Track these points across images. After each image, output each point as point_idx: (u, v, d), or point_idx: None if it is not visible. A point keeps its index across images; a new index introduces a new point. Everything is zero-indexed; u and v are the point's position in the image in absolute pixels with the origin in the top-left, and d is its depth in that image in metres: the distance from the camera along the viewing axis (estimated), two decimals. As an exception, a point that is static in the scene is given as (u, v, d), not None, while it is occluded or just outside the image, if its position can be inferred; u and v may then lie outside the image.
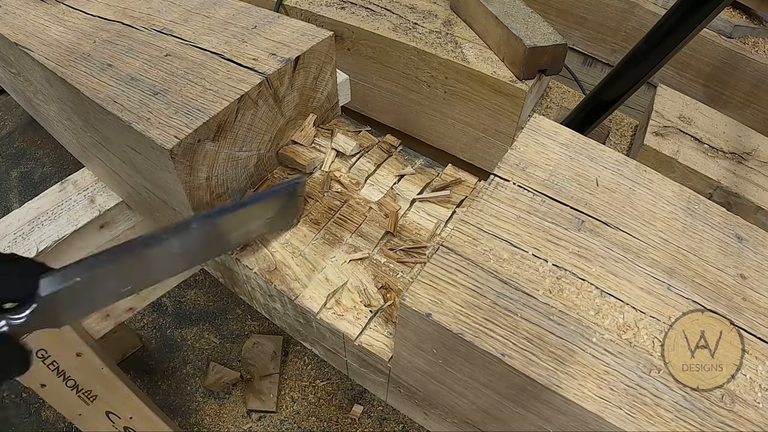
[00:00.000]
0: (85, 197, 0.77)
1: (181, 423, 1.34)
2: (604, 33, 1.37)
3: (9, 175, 1.91)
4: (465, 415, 0.52)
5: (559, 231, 0.47)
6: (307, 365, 1.45)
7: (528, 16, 0.91)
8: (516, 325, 0.41)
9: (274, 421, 1.35)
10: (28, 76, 0.72)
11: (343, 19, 1.03)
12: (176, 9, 0.69)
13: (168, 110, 0.53)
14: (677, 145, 0.88)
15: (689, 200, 0.52)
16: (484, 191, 0.50)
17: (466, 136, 1.04)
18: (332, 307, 0.54)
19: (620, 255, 0.46)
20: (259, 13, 0.67)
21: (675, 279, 0.45)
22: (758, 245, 0.49)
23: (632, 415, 0.37)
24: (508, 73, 0.91)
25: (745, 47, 1.23)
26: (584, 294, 0.43)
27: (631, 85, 0.78)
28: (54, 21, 0.69)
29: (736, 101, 1.27)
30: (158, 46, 0.62)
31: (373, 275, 0.56)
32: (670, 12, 0.69)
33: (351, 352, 0.55)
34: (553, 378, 0.39)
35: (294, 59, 0.59)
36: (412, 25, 1.02)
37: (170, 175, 0.53)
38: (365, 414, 1.36)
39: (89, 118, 0.61)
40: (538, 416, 0.43)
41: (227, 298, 1.58)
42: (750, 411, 0.38)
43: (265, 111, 0.59)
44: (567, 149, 0.54)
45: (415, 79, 1.02)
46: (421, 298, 0.42)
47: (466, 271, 0.44)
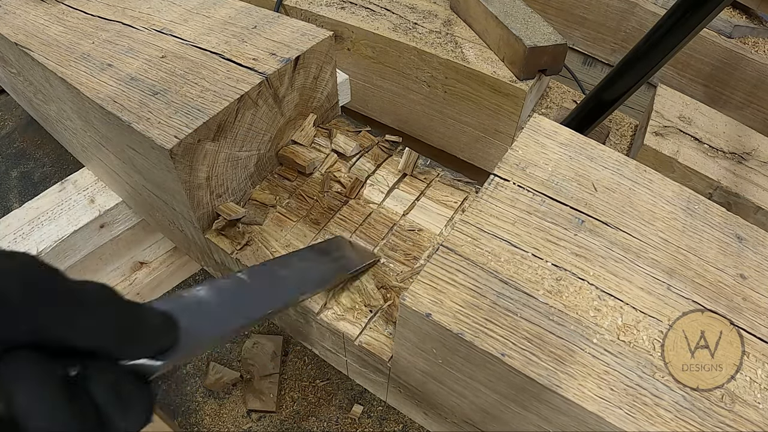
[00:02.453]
0: (85, 197, 0.77)
1: (181, 423, 1.34)
2: (604, 33, 1.37)
3: (9, 175, 1.91)
4: (465, 415, 0.52)
5: (559, 231, 0.47)
6: (307, 365, 1.45)
7: (528, 16, 0.91)
8: (516, 325, 0.41)
9: (274, 421, 1.35)
10: (28, 76, 0.72)
11: (343, 19, 1.03)
12: (176, 9, 0.69)
13: (168, 110, 0.53)
14: (677, 145, 0.88)
15: (689, 200, 0.52)
16: (484, 191, 0.50)
17: (466, 136, 1.04)
18: (332, 307, 0.54)
19: (620, 255, 0.46)
20: (259, 13, 0.67)
21: (675, 279, 0.45)
22: (758, 245, 0.49)
23: (632, 415, 0.37)
24: (508, 73, 0.91)
25: (745, 47, 1.23)
26: (584, 294, 0.43)
27: (631, 85, 0.78)
28: (54, 21, 0.69)
29: (736, 101, 1.27)
30: (158, 46, 0.62)
31: (373, 275, 0.56)
32: (670, 12, 0.69)
33: (351, 352, 0.55)
34: (553, 378, 0.39)
35: (294, 59, 0.59)
36: (412, 25, 1.02)
37: (170, 175, 0.53)
38: (365, 414, 1.36)
39: (89, 118, 0.61)
40: (538, 416, 0.43)
41: (227, 298, 1.58)
42: (750, 411, 0.38)
43: (265, 111, 0.59)
44: (567, 149, 0.54)
45: (415, 79, 1.02)
46: (421, 298, 0.42)
47: (466, 271, 0.44)
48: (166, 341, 0.27)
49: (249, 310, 0.39)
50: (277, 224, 0.61)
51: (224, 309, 0.36)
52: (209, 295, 0.36)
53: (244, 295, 0.40)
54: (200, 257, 0.71)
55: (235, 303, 0.38)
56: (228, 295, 0.38)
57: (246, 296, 0.40)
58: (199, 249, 0.68)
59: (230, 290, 0.39)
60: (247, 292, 0.40)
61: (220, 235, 0.60)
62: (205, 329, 0.33)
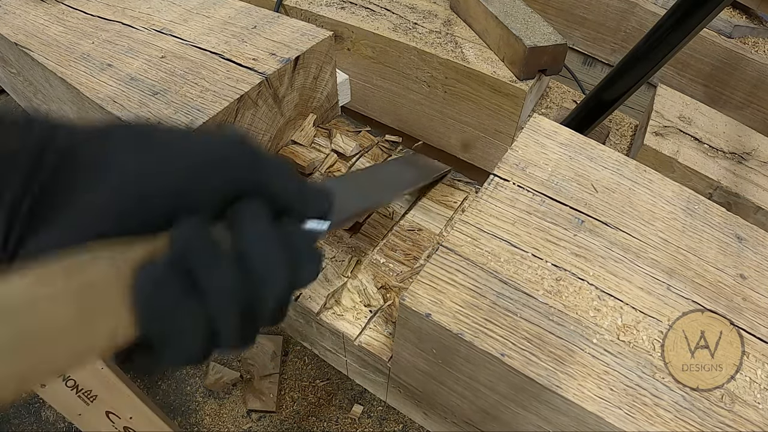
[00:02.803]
0: (85, 197, 0.76)
1: (181, 423, 1.34)
2: (604, 33, 1.37)
3: (9, 175, 1.91)
4: (465, 415, 0.52)
5: (558, 231, 0.47)
6: (307, 365, 1.45)
7: (528, 16, 0.91)
8: (516, 325, 0.41)
9: (274, 421, 1.35)
10: (28, 76, 0.72)
11: (343, 19, 1.03)
12: (176, 9, 0.69)
13: (168, 110, 0.53)
14: (677, 145, 0.88)
15: (689, 200, 0.52)
16: (483, 191, 0.50)
17: (466, 136, 1.04)
18: (332, 307, 0.54)
19: (620, 255, 0.46)
20: (259, 13, 0.67)
21: (675, 279, 0.45)
22: (758, 245, 0.49)
23: (632, 415, 0.37)
24: (508, 73, 0.91)
25: (745, 47, 1.23)
26: (584, 294, 0.43)
27: (631, 85, 0.78)
28: (54, 21, 0.69)
29: (736, 101, 1.26)
30: (158, 46, 0.62)
31: (373, 275, 0.56)
32: (670, 12, 0.69)
33: (351, 352, 0.55)
34: (552, 378, 0.39)
35: (294, 59, 0.59)
36: (412, 25, 1.01)
37: (170, 175, 0.53)
38: (365, 414, 1.36)
39: (89, 118, 0.61)
40: (538, 416, 0.43)
41: (227, 298, 1.58)
42: (750, 411, 0.38)
43: (265, 111, 0.59)
44: (567, 149, 0.54)
45: (415, 79, 1.02)
46: (420, 298, 0.42)
47: (466, 271, 0.44)
48: (327, 205, 0.32)
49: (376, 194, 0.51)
50: (277, 224, 0.61)
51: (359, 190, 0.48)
52: (342, 181, 0.54)
53: (368, 182, 0.54)
54: (200, 257, 0.71)
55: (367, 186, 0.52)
56: (357, 183, 0.53)
57: (370, 184, 0.53)
58: (199, 249, 0.68)
59: (357, 179, 0.55)
60: (368, 183, 0.54)
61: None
62: (349, 202, 0.42)
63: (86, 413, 0.92)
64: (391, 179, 0.58)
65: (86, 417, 0.93)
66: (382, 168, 0.63)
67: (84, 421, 0.94)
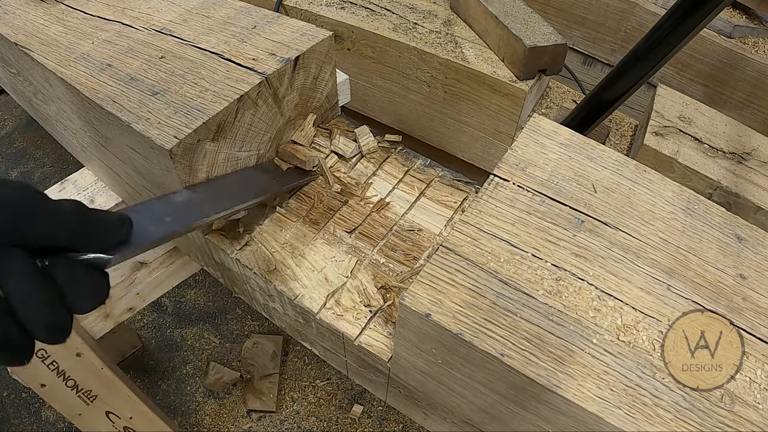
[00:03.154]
0: (85, 197, 0.76)
1: (181, 423, 1.34)
2: (604, 33, 1.37)
3: (9, 175, 1.91)
4: (465, 415, 0.52)
5: (558, 231, 0.47)
6: (307, 365, 1.45)
7: (528, 16, 0.91)
8: (515, 325, 0.41)
9: (274, 421, 1.35)
10: (28, 76, 0.72)
11: (343, 19, 1.03)
12: (176, 9, 0.69)
13: (167, 110, 0.53)
14: (677, 145, 0.88)
15: (689, 200, 0.52)
16: (483, 191, 0.50)
17: (466, 136, 1.04)
18: (332, 307, 0.54)
19: (620, 255, 0.46)
20: (259, 13, 0.67)
21: (675, 279, 0.45)
22: (758, 245, 0.49)
23: (632, 415, 0.37)
24: (508, 73, 0.91)
25: (745, 47, 1.22)
26: (584, 294, 0.43)
27: (631, 85, 0.78)
28: (54, 21, 0.69)
29: (736, 101, 1.26)
30: (158, 46, 0.62)
31: (373, 275, 0.56)
32: (670, 12, 0.69)
33: (350, 352, 0.55)
34: (552, 378, 0.39)
35: (294, 59, 0.59)
36: (412, 25, 1.01)
37: (170, 175, 0.53)
38: (365, 414, 1.36)
39: (89, 118, 0.61)
40: (538, 416, 0.43)
41: (227, 298, 1.59)
42: (750, 411, 0.38)
43: (265, 111, 0.59)
44: (566, 149, 0.54)
45: (415, 79, 1.02)
46: (420, 298, 0.42)
47: (466, 271, 0.44)
48: (119, 236, 0.36)
49: (193, 216, 0.48)
50: (277, 224, 0.61)
51: (171, 214, 0.44)
52: (159, 202, 0.47)
53: (188, 203, 0.49)
54: (200, 257, 0.71)
55: (181, 210, 0.48)
56: (175, 205, 0.48)
57: (190, 205, 0.49)
58: (198, 249, 0.68)
59: (178, 200, 0.49)
60: (192, 202, 0.50)
61: (219, 236, 0.60)
62: (152, 230, 0.41)
63: (86, 413, 0.92)
64: (235, 190, 0.56)
65: (86, 417, 0.93)
66: (230, 177, 0.58)
67: (84, 421, 0.94)
